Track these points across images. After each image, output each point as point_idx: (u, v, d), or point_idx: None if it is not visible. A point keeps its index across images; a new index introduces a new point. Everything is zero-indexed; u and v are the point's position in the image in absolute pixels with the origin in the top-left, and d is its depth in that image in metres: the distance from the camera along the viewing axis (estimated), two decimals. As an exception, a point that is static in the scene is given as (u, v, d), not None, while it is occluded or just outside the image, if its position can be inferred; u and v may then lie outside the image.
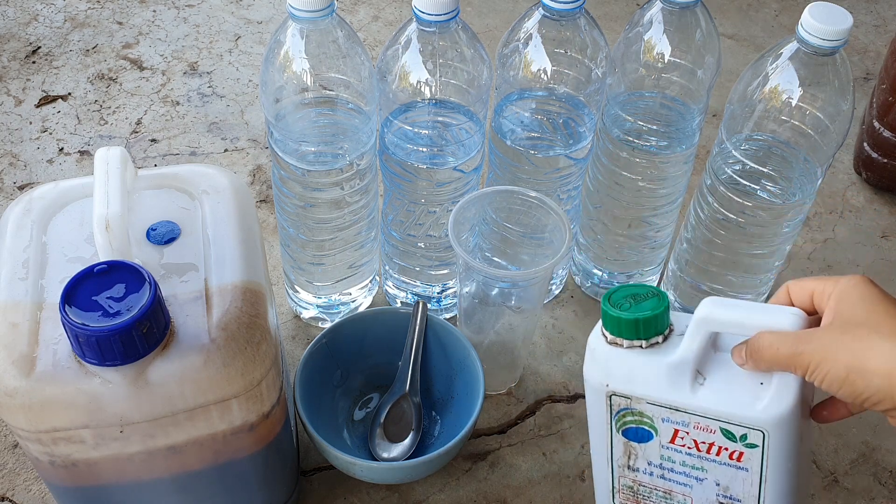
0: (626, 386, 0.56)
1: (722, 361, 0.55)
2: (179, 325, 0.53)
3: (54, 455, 0.54)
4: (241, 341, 0.53)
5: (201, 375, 0.52)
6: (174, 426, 0.54)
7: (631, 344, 0.55)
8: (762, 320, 0.51)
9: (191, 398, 0.53)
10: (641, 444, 0.59)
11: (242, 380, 0.54)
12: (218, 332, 0.53)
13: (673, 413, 0.56)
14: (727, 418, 0.54)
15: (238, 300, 0.54)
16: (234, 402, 0.55)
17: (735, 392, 0.54)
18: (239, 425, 0.57)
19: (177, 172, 0.61)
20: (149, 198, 0.59)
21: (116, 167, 0.54)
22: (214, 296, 0.54)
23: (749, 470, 0.56)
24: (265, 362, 0.55)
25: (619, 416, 0.58)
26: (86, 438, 0.53)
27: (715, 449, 0.56)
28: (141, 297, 0.49)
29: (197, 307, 0.54)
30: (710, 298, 0.54)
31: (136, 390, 0.51)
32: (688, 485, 0.59)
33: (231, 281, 0.55)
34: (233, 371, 0.53)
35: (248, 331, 0.54)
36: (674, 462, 0.58)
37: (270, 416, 0.59)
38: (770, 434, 0.54)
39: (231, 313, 0.54)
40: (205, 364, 0.52)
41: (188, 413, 0.54)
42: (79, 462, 0.55)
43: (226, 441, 0.58)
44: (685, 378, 0.54)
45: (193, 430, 0.55)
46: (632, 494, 0.62)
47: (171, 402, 0.53)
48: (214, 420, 0.55)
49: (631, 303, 0.54)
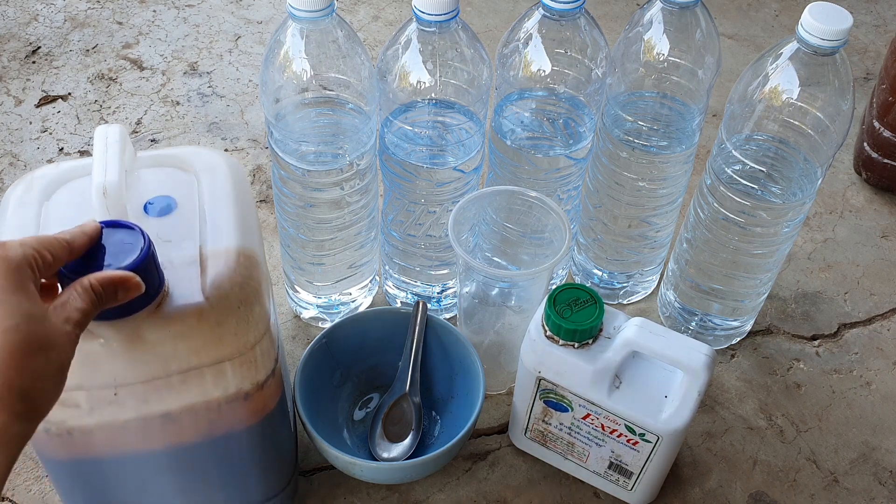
0: (555, 377, 0.68)
1: (638, 367, 0.68)
2: (174, 287, 0.53)
3: (49, 422, 0.55)
4: (234, 300, 0.54)
5: (195, 333, 0.53)
6: (168, 390, 0.55)
7: (566, 343, 0.66)
8: (677, 354, 0.63)
9: (185, 358, 0.53)
10: (558, 412, 0.70)
11: (236, 340, 0.54)
12: (212, 290, 0.53)
13: (589, 404, 0.68)
14: (632, 420, 0.67)
15: (232, 262, 0.55)
16: (227, 365, 0.55)
17: (643, 400, 0.67)
18: (233, 392, 0.57)
19: (174, 153, 0.62)
20: (146, 175, 0.60)
21: (115, 141, 0.55)
22: (209, 259, 0.55)
23: (640, 452, 0.69)
24: (259, 326, 0.56)
25: (544, 391, 0.69)
26: (80, 402, 0.54)
27: (617, 433, 0.69)
28: (135, 249, 0.49)
29: (191, 270, 0.54)
30: (639, 320, 0.66)
31: (131, 348, 0.52)
32: (589, 445, 0.72)
33: (225, 246, 0.56)
34: (226, 330, 0.54)
35: (242, 291, 0.54)
36: (581, 430, 0.71)
37: (265, 387, 0.59)
38: (664, 439, 0.67)
39: (225, 274, 0.54)
40: (198, 322, 0.53)
41: (182, 375, 0.54)
42: (74, 430, 0.56)
43: (220, 410, 0.58)
44: (605, 381, 0.66)
45: (188, 396, 0.56)
46: (541, 436, 0.74)
47: (166, 362, 0.53)
48: (208, 385, 0.56)
49: (572, 308, 0.65)
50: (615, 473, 0.72)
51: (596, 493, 0.76)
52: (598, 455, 0.72)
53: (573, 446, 0.73)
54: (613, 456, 0.71)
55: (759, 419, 0.82)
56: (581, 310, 0.65)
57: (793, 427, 0.82)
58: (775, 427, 0.82)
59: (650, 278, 0.91)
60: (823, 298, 0.93)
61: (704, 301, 0.83)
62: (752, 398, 0.84)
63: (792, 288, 0.94)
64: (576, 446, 0.72)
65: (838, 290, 0.95)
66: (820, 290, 0.94)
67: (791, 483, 0.78)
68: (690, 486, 0.77)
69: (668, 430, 0.66)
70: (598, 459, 0.72)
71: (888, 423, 0.82)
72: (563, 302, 0.66)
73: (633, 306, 0.91)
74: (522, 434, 0.75)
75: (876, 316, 0.92)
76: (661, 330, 0.65)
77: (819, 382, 0.86)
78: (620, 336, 0.65)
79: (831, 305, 0.92)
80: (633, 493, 0.74)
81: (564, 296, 0.66)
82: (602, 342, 0.66)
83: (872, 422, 0.82)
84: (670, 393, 0.67)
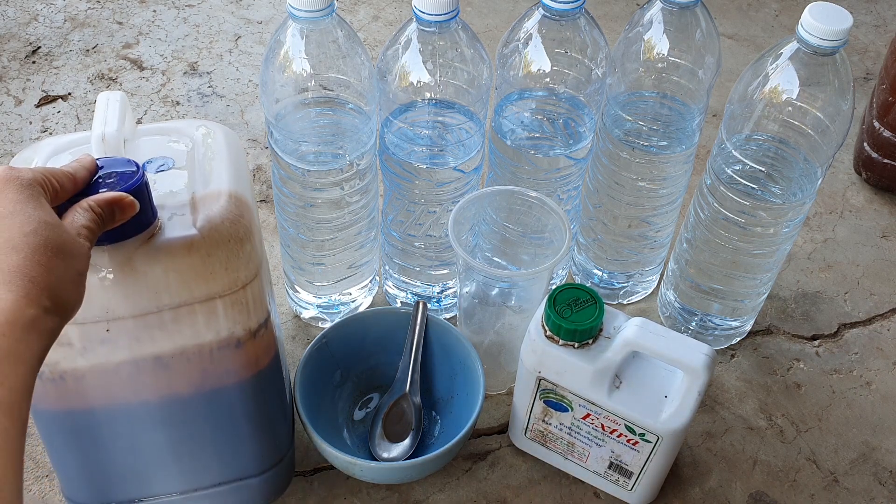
0: (555, 377, 0.68)
1: (638, 367, 0.68)
2: (166, 223, 0.55)
3: (44, 364, 0.55)
4: (224, 234, 0.55)
5: (185, 264, 0.54)
6: (160, 328, 0.56)
7: (566, 343, 0.66)
8: (677, 354, 0.64)
9: (175, 292, 0.54)
10: (558, 411, 0.70)
11: (227, 275, 0.55)
12: (202, 223, 0.54)
13: (589, 404, 0.68)
14: (632, 420, 0.67)
15: (223, 201, 0.56)
16: (218, 303, 0.56)
17: (643, 400, 0.67)
18: (225, 337, 0.58)
19: (173, 124, 0.63)
20: (146, 142, 0.61)
21: (117, 101, 0.57)
22: (200, 200, 0.56)
23: (640, 452, 0.69)
24: (249, 265, 0.57)
25: (544, 391, 0.69)
26: (73, 339, 0.55)
27: (617, 433, 0.69)
28: (129, 177, 0.51)
29: (184, 210, 0.56)
30: (639, 320, 0.66)
31: (123, 279, 0.53)
32: (589, 445, 0.72)
33: (217, 188, 0.57)
34: (216, 263, 0.54)
35: (232, 226, 0.55)
36: (581, 430, 0.71)
37: (258, 336, 0.60)
38: (664, 439, 0.67)
39: (215, 211, 0.56)
40: (189, 253, 0.54)
41: (173, 312, 0.55)
42: (66, 373, 0.56)
43: (213, 358, 0.59)
44: (605, 381, 0.66)
45: (180, 337, 0.57)
46: (541, 436, 0.74)
47: (157, 295, 0.54)
48: (200, 326, 0.57)
49: (572, 308, 0.65)
50: (615, 473, 0.72)
51: (596, 493, 0.76)
52: (598, 455, 0.72)
53: (573, 446, 0.73)
54: (613, 456, 0.71)
55: (759, 419, 0.82)
56: (581, 310, 0.65)
57: (793, 427, 0.82)
58: (775, 427, 0.82)
59: (650, 278, 0.91)
60: (823, 298, 0.93)
61: (704, 301, 0.83)
62: (752, 398, 0.84)
63: (792, 288, 0.94)
64: (576, 446, 0.72)
65: (838, 290, 0.95)
66: (820, 290, 0.94)
67: (791, 483, 0.78)
68: (690, 486, 0.77)
69: (668, 430, 0.66)
70: (598, 459, 0.72)
71: (888, 423, 0.82)
72: (563, 302, 0.66)
73: (633, 306, 0.91)
74: (522, 434, 0.75)
75: (876, 316, 0.92)
76: (661, 330, 0.65)
77: (819, 382, 0.86)
78: (620, 336, 0.65)
79: (831, 305, 0.92)
80: (633, 493, 0.74)
81: (564, 296, 0.66)
82: (602, 342, 0.66)
83: (872, 422, 0.82)
84: (670, 393, 0.67)
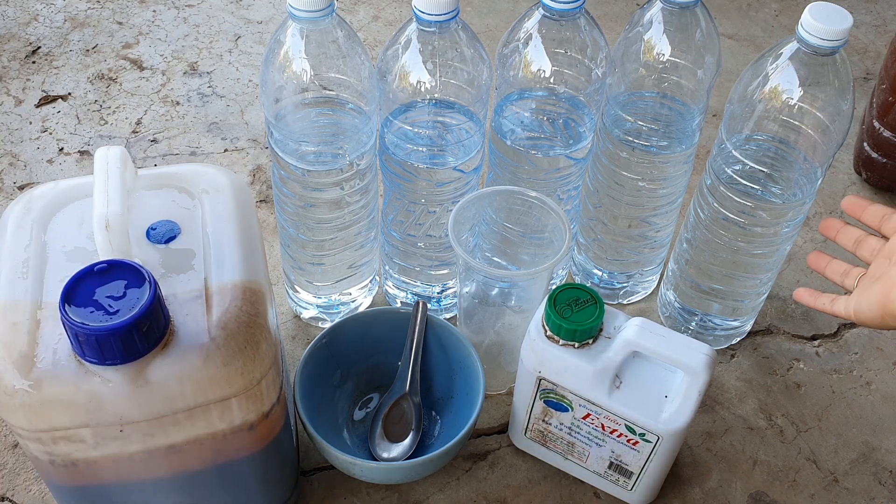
0: (555, 377, 0.68)
1: (638, 367, 0.68)
2: (179, 325, 0.53)
3: (54, 454, 0.54)
4: (240, 340, 0.53)
5: (201, 375, 0.52)
6: (174, 425, 0.54)
7: (566, 343, 0.66)
8: (677, 354, 0.64)
9: (191, 397, 0.53)
10: (558, 411, 0.70)
11: (242, 379, 0.54)
12: (218, 331, 0.53)
13: (589, 404, 0.68)
14: (632, 420, 0.67)
15: (238, 299, 0.54)
16: (233, 401, 0.55)
17: (643, 400, 0.66)
18: (239, 424, 0.57)
19: (176, 172, 0.61)
20: (149, 197, 0.59)
21: (116, 166, 0.54)
22: (214, 295, 0.54)
23: (640, 452, 0.69)
24: (265, 362, 0.55)
25: (544, 391, 0.69)
26: (86, 438, 0.53)
27: (617, 433, 0.69)
28: (141, 295, 0.49)
29: (197, 306, 0.54)
30: (639, 320, 0.65)
31: (136, 389, 0.51)
32: (589, 445, 0.72)
33: (231, 280, 0.55)
34: (233, 370, 0.53)
35: (248, 330, 0.54)
36: (581, 430, 0.71)
37: (270, 415, 0.59)
38: (664, 439, 0.67)
39: (231, 312, 0.54)
40: (204, 363, 0.52)
41: (188, 412, 0.54)
42: (78, 461, 0.55)
43: (225, 440, 0.58)
44: (605, 381, 0.66)
45: (193, 430, 0.55)
46: (541, 436, 0.74)
47: (171, 401, 0.53)
48: (214, 419, 0.55)
49: (573, 308, 0.65)
50: (615, 473, 0.72)
51: (596, 493, 0.76)
52: (598, 455, 0.72)
53: (573, 446, 0.73)
54: (613, 456, 0.71)
55: (759, 419, 0.82)
56: (581, 310, 0.65)
57: (793, 427, 0.82)
58: (775, 427, 0.82)
59: (650, 278, 0.91)
60: (823, 298, 0.93)
61: (704, 301, 0.83)
62: (752, 398, 0.84)
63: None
64: (576, 446, 0.72)
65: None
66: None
67: (791, 483, 0.78)
68: (690, 486, 0.77)
69: (668, 430, 0.66)
70: (598, 459, 0.72)
71: (888, 423, 0.82)
72: (563, 302, 0.66)
73: (633, 306, 0.91)
74: (522, 434, 0.75)
75: (876, 316, 0.92)
76: (661, 330, 0.65)
77: (819, 382, 0.86)
78: (620, 336, 0.65)
79: (831, 305, 0.92)
80: (633, 493, 0.74)
81: (564, 296, 0.66)
82: (602, 342, 0.66)
83: (872, 422, 0.82)
84: (670, 393, 0.67)
